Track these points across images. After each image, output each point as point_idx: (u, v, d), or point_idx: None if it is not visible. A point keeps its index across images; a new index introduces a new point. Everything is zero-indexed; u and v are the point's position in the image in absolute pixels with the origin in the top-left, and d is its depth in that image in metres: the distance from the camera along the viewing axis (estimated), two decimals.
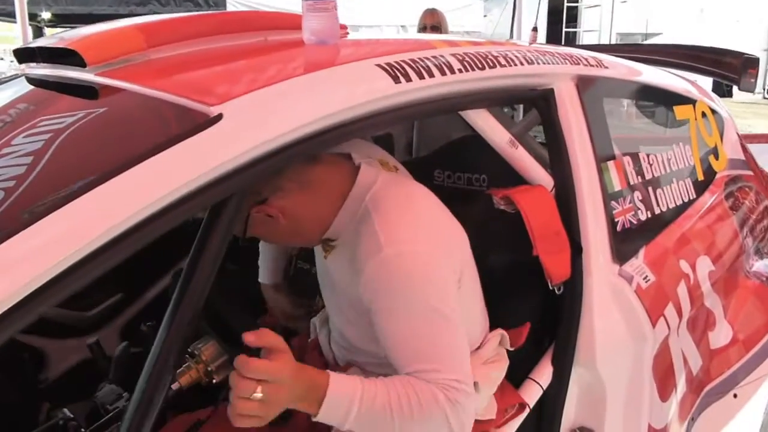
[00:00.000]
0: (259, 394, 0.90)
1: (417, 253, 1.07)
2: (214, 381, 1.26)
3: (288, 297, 1.68)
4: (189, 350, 1.27)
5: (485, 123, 1.32)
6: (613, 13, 9.52)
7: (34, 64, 1.32)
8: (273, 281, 1.69)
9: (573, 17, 9.51)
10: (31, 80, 1.30)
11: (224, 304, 1.27)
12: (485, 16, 11.70)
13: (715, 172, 1.98)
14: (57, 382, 2.15)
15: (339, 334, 1.33)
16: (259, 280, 1.71)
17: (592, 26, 9.81)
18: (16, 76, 1.39)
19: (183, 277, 0.93)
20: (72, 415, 1.18)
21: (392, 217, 1.10)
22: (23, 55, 1.34)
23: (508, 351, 1.36)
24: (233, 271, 2.39)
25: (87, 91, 1.09)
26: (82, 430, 1.13)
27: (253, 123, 0.91)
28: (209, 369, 1.25)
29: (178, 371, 1.24)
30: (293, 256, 1.83)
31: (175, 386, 1.23)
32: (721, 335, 1.77)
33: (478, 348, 1.27)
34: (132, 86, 1.02)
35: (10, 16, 6.36)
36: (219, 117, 0.88)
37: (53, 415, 2.03)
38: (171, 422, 1.54)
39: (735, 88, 2.44)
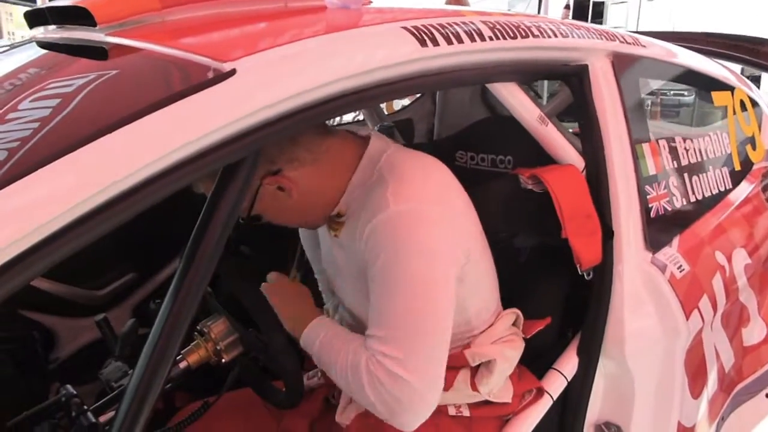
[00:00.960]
0: None
1: (422, 212, 1.05)
2: (223, 360, 1.20)
3: None
4: (198, 328, 1.22)
5: (514, 98, 1.25)
6: (639, 10, 9.37)
7: (43, 29, 1.28)
8: None
9: (599, 14, 9.40)
10: (40, 44, 1.25)
11: (236, 283, 1.21)
12: (509, 10, 11.56)
13: (753, 163, 1.89)
14: (68, 361, 2.12)
15: (351, 317, 1.29)
16: None
17: (618, 23, 9.67)
18: (27, 41, 1.34)
19: (190, 246, 0.87)
20: (75, 392, 1.12)
21: (405, 177, 1.08)
22: (34, 18, 1.29)
23: (528, 339, 1.31)
24: (246, 254, 2.35)
25: (95, 52, 1.04)
26: (85, 407, 1.07)
27: (269, 80, 0.84)
28: (218, 347, 1.19)
29: (185, 349, 1.19)
30: None
31: (182, 365, 1.19)
32: (754, 332, 1.69)
33: (490, 326, 1.23)
34: (143, 44, 0.96)
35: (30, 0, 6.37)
36: (232, 72, 0.81)
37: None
38: (180, 412, 1.49)
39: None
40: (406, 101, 3.36)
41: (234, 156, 0.83)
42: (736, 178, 1.77)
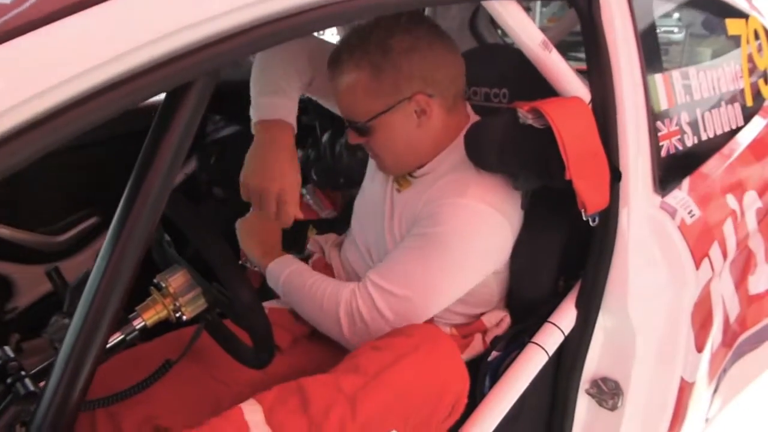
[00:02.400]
0: None
1: (488, 215, 1.13)
2: (184, 318, 1.07)
3: None
4: (155, 281, 1.08)
5: (514, 19, 1.08)
6: None
7: None
8: None
9: None
10: None
11: (194, 230, 1.06)
12: None
13: (765, 99, 1.74)
14: (28, 312, 1.99)
15: (359, 252, 1.35)
16: None
17: None
18: None
19: (132, 182, 0.72)
20: (11, 355, 0.99)
21: (490, 180, 1.16)
22: None
23: (521, 292, 1.28)
24: (220, 197, 2.20)
25: None
26: (23, 372, 0.94)
27: None
28: (177, 303, 1.06)
29: (140, 305, 1.06)
30: None
31: (137, 322, 1.05)
32: (761, 280, 1.58)
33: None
34: None
35: None
36: None
37: (20, 348, 1.88)
38: (139, 346, 1.36)
39: None
40: None
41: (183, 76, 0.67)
42: (748, 114, 1.63)
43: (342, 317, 1.13)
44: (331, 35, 3.35)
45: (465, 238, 1.13)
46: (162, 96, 0.72)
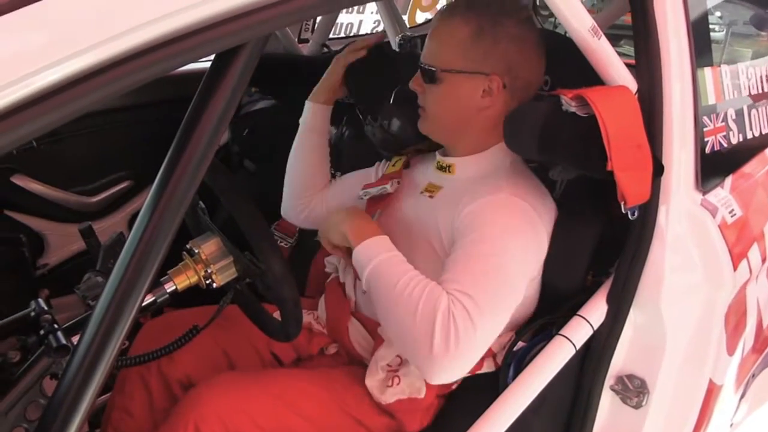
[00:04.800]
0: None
1: (527, 208, 1.12)
2: (214, 285, 1.08)
3: None
4: (188, 247, 1.09)
5: (565, 2, 1.05)
6: None
7: None
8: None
9: None
10: None
11: (231, 200, 1.06)
12: None
13: None
14: (58, 268, 2.02)
15: None
16: None
17: None
18: None
19: (174, 147, 0.72)
20: (45, 307, 1.00)
21: (520, 182, 1.18)
22: None
23: (552, 284, 1.25)
24: (251, 170, 2.21)
25: None
26: (56, 326, 0.95)
27: None
28: (209, 270, 1.06)
29: (172, 269, 1.07)
30: None
31: (168, 286, 1.06)
32: None
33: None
34: None
35: None
36: None
37: (49, 304, 1.92)
38: (166, 315, 1.39)
39: None
40: (429, 15, 3.13)
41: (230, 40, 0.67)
42: None
43: (438, 329, 0.98)
44: (371, 13, 3.34)
45: (508, 229, 1.10)
46: (196, 66, 0.71)
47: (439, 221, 1.19)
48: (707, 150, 1.23)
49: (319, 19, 2.49)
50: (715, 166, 1.25)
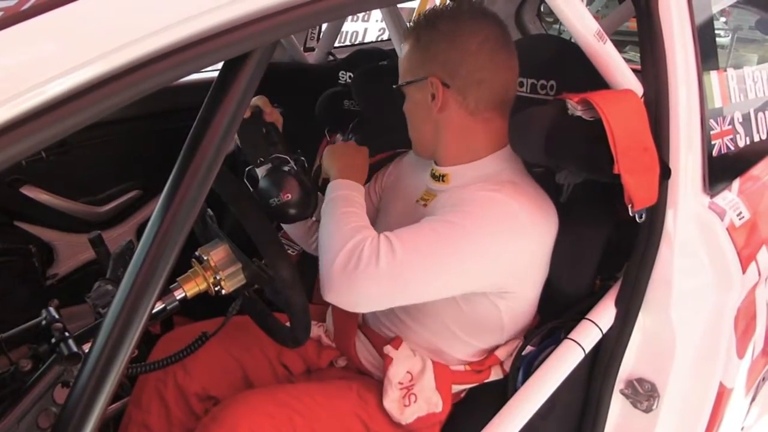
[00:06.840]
0: None
1: (518, 211, 1.09)
2: (223, 292, 1.08)
3: None
4: (196, 254, 1.10)
5: (570, 6, 1.06)
6: None
7: None
8: None
9: None
10: None
11: (240, 206, 1.07)
12: None
13: None
14: (68, 278, 2.04)
15: None
16: None
17: None
18: None
19: (183, 154, 0.72)
20: (57, 316, 1.01)
21: (519, 186, 1.14)
22: None
23: (560, 288, 1.25)
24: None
25: None
26: (67, 334, 0.95)
27: None
28: (218, 277, 1.07)
29: (181, 277, 1.07)
30: None
31: (177, 293, 1.07)
32: None
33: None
34: None
35: None
36: None
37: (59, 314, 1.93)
38: (175, 330, 1.40)
39: None
40: None
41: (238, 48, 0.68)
42: None
43: (344, 252, 1.04)
44: (375, 21, 3.35)
45: (484, 227, 1.06)
46: (205, 75, 0.71)
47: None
48: (714, 153, 1.23)
49: (324, 27, 2.51)
50: (722, 169, 1.25)
